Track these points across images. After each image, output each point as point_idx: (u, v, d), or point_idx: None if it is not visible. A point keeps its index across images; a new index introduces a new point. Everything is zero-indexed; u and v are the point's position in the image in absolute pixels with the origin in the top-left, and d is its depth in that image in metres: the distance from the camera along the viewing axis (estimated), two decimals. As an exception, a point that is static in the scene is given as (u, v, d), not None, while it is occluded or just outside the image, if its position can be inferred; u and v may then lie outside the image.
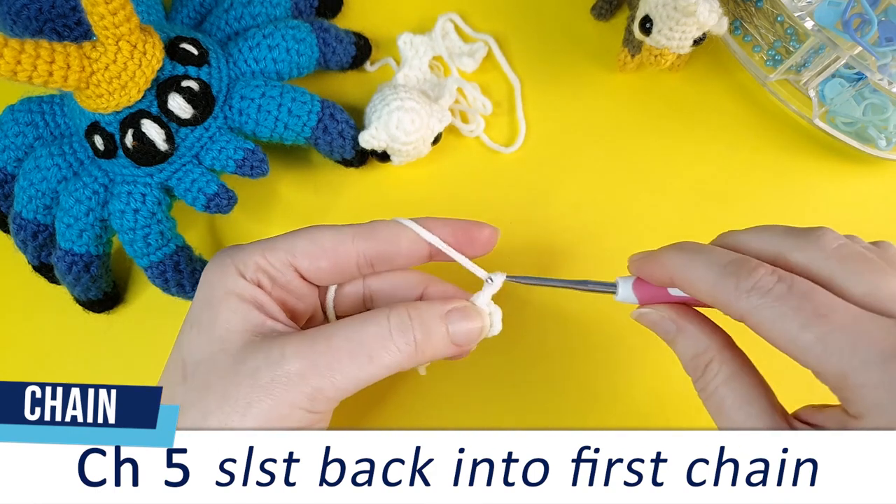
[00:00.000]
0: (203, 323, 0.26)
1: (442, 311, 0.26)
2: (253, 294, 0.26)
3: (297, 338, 0.25)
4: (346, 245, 0.28)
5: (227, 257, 0.27)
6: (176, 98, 0.32)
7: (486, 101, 0.41)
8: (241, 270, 0.27)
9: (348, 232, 0.28)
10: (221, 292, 0.26)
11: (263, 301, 0.27)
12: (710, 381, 0.25)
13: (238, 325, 0.25)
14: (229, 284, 0.26)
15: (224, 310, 0.26)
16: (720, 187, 0.39)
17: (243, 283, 0.26)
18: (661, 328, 0.27)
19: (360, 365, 0.25)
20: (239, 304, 0.26)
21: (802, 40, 0.38)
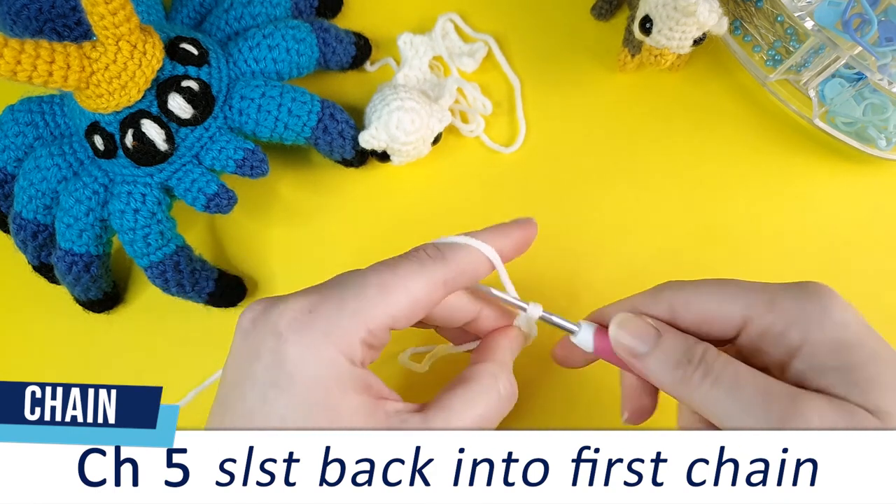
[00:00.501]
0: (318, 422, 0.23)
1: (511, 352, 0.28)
2: (364, 380, 0.24)
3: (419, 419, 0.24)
4: (439, 293, 0.26)
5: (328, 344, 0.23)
6: (176, 98, 0.32)
7: (486, 101, 0.41)
8: (351, 357, 0.23)
9: (440, 278, 0.25)
10: (338, 393, 0.23)
11: (372, 382, 0.24)
12: (714, 361, 0.24)
13: (362, 424, 0.23)
14: (344, 379, 0.23)
15: (345, 413, 0.23)
16: (720, 187, 0.39)
17: (357, 373, 0.23)
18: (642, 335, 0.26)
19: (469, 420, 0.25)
20: (357, 398, 0.23)
21: (802, 40, 0.38)
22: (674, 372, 0.25)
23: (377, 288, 0.24)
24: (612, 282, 0.37)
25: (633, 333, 0.26)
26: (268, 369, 0.23)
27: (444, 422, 0.24)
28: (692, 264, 0.38)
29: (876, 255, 0.38)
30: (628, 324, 0.26)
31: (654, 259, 0.38)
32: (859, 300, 0.32)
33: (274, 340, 0.23)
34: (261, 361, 0.23)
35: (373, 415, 0.23)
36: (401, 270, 0.25)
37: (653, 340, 0.26)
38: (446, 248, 0.26)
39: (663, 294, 0.27)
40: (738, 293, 0.26)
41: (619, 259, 0.38)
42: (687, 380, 0.25)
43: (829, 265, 0.38)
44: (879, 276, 0.38)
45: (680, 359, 0.25)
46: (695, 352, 0.25)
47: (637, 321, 0.26)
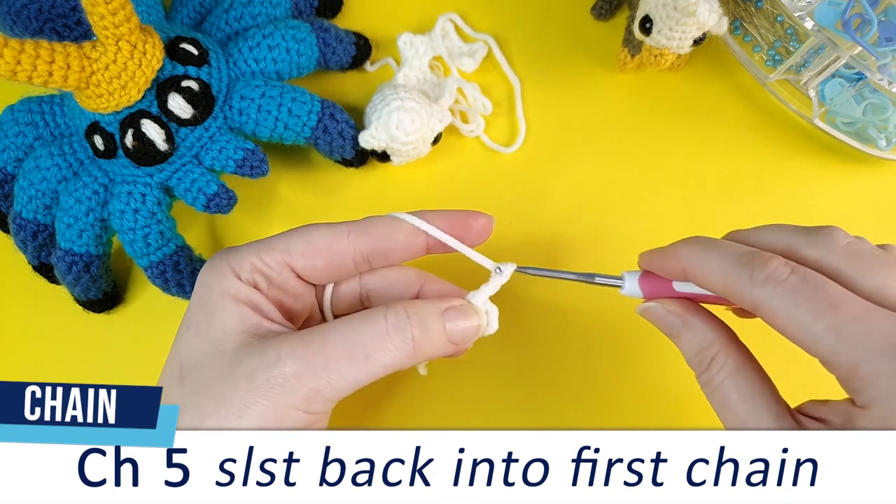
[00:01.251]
0: (199, 324, 0.26)
1: (439, 309, 0.26)
2: (248, 295, 0.26)
3: (293, 338, 0.25)
4: (342, 242, 0.27)
5: (222, 259, 0.27)
6: (176, 98, 0.32)
7: (486, 101, 0.41)
8: (236, 272, 0.27)
9: (343, 229, 0.28)
10: (217, 294, 0.26)
11: (259, 302, 0.26)
12: (715, 374, 0.25)
13: (234, 326, 0.25)
14: (225, 286, 0.26)
15: (220, 311, 0.26)
16: (720, 187, 0.39)
17: (239, 285, 0.26)
18: (666, 322, 0.27)
19: (357, 365, 0.24)
20: (235, 305, 0.26)
21: (802, 40, 0.38)
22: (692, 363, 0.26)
23: (286, 232, 0.28)
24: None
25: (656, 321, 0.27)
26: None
27: (306, 337, 0.25)
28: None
29: (876, 255, 0.38)
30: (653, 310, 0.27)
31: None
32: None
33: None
34: None
35: (246, 323, 0.25)
36: (313, 224, 0.28)
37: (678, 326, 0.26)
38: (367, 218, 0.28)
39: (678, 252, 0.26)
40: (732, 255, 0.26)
41: (619, 258, 0.38)
42: (697, 377, 0.26)
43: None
44: (879, 276, 0.38)
45: (692, 359, 0.26)
46: (704, 356, 0.25)
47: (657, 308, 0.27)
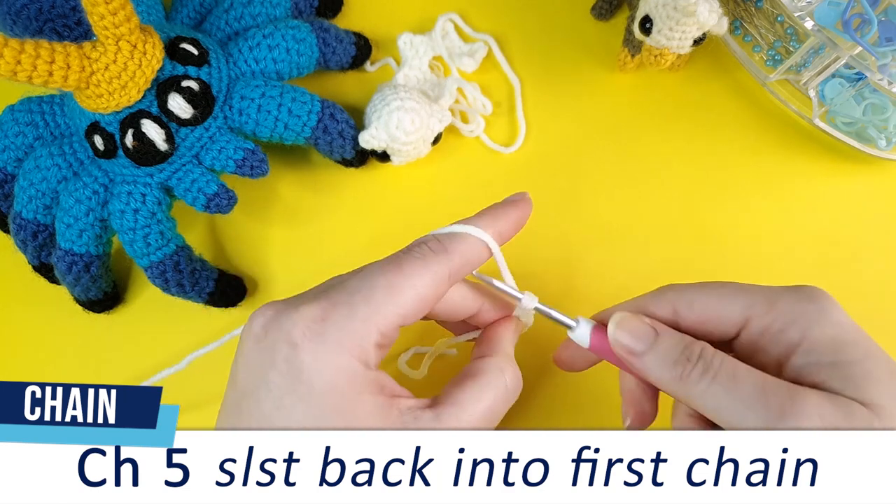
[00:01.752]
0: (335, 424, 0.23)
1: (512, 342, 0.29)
2: (379, 382, 0.24)
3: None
4: (444, 287, 0.26)
5: (343, 350, 0.23)
6: (176, 98, 0.32)
7: (486, 101, 0.41)
8: (366, 362, 0.24)
9: (445, 273, 0.26)
10: (354, 396, 0.23)
11: (384, 382, 0.25)
12: (712, 358, 0.24)
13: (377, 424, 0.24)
14: (359, 383, 0.23)
15: (362, 415, 0.23)
16: (720, 187, 0.39)
17: (372, 376, 0.24)
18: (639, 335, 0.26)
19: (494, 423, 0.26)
20: (372, 400, 0.24)
21: (802, 40, 0.38)
22: (672, 369, 0.25)
23: (385, 290, 0.24)
24: (612, 282, 0.37)
25: (630, 332, 0.26)
26: (283, 377, 0.23)
27: (455, 416, 0.24)
28: (691, 263, 0.38)
29: (876, 254, 0.38)
30: (626, 323, 0.26)
31: (654, 258, 0.38)
32: (859, 300, 0.32)
33: (289, 349, 0.23)
34: (276, 369, 0.23)
35: (387, 414, 0.24)
36: (406, 268, 0.25)
37: (650, 339, 0.26)
38: (447, 240, 0.26)
39: (666, 295, 0.27)
40: (740, 293, 0.26)
41: (619, 259, 0.38)
42: (685, 377, 0.25)
43: (829, 265, 0.38)
44: (879, 276, 0.38)
45: (678, 357, 0.25)
46: (693, 349, 0.25)
47: (634, 320, 0.26)
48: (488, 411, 0.25)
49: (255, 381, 0.23)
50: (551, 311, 0.28)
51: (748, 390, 0.23)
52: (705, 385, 0.24)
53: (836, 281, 0.28)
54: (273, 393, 0.23)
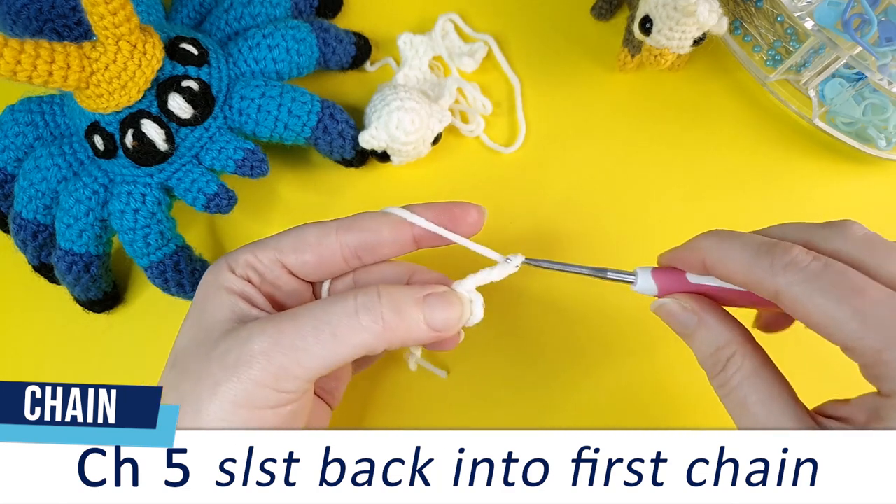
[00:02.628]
0: (193, 316, 0.27)
1: (418, 294, 0.26)
2: (241, 287, 0.27)
3: (266, 319, 0.25)
4: (330, 238, 0.28)
5: (221, 259, 0.28)
6: (176, 98, 0.32)
7: (486, 101, 0.41)
8: (231, 267, 0.28)
9: (332, 225, 0.28)
10: (213, 288, 0.27)
11: (250, 293, 0.27)
12: (731, 375, 0.25)
13: (223, 314, 0.26)
14: (219, 280, 0.27)
15: (212, 302, 0.27)
16: (720, 187, 0.39)
17: (232, 278, 0.27)
18: (680, 320, 0.26)
19: (323, 343, 0.24)
20: (226, 296, 0.27)
21: (802, 40, 0.38)
22: (705, 363, 0.26)
23: (277, 234, 0.29)
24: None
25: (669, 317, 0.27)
26: None
27: (277, 316, 0.25)
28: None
29: (876, 255, 0.38)
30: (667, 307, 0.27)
31: (654, 258, 0.38)
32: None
33: None
34: None
35: (233, 311, 0.26)
36: (302, 224, 0.29)
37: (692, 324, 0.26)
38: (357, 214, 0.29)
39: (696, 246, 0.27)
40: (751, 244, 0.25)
41: (619, 259, 0.38)
42: (712, 378, 0.25)
43: (829, 265, 0.38)
44: (879, 276, 0.38)
45: (707, 359, 0.25)
46: (720, 357, 0.25)
47: (671, 305, 0.27)
48: (315, 317, 0.24)
49: None
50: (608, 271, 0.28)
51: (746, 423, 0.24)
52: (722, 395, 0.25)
53: (836, 281, 0.28)
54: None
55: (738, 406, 0.24)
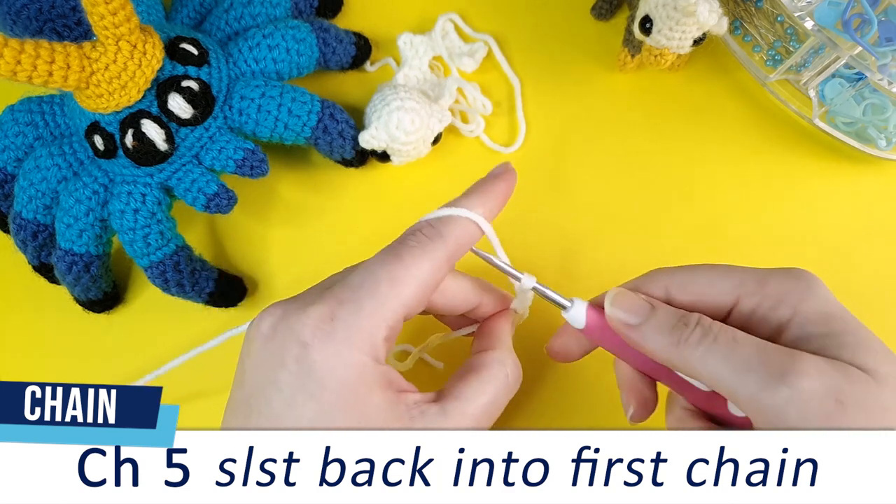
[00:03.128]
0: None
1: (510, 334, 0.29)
2: (387, 377, 0.24)
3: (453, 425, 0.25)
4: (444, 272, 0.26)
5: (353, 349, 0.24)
6: (176, 98, 0.32)
7: (486, 101, 0.41)
8: (376, 357, 0.24)
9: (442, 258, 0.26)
10: (364, 393, 0.24)
11: (393, 377, 0.25)
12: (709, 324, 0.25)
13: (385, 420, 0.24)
14: (369, 380, 0.24)
15: (372, 413, 0.24)
16: (720, 187, 0.39)
17: (381, 371, 0.24)
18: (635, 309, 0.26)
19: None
20: (381, 395, 0.24)
21: (802, 40, 0.38)
22: (670, 335, 0.25)
23: (388, 283, 0.25)
24: (611, 281, 0.37)
25: (626, 306, 0.26)
26: (294, 376, 0.23)
27: (460, 410, 0.25)
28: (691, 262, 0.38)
29: (876, 254, 0.38)
30: (622, 298, 0.27)
31: (654, 258, 0.38)
32: (859, 299, 0.32)
33: (299, 349, 0.23)
34: (286, 369, 0.23)
35: (395, 409, 0.24)
36: (406, 258, 0.25)
37: (646, 312, 0.26)
38: (440, 225, 0.27)
39: (657, 277, 0.28)
40: (730, 273, 0.27)
41: (619, 258, 0.38)
42: (684, 342, 0.25)
43: (829, 264, 0.38)
44: (879, 276, 0.38)
45: (675, 323, 0.25)
46: (689, 317, 0.25)
47: (630, 294, 0.27)
48: (491, 404, 0.26)
49: (264, 380, 0.24)
50: (547, 290, 0.28)
51: (748, 352, 0.23)
52: (704, 349, 0.24)
53: (835, 280, 0.28)
54: (284, 392, 0.23)
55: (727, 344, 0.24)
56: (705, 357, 0.24)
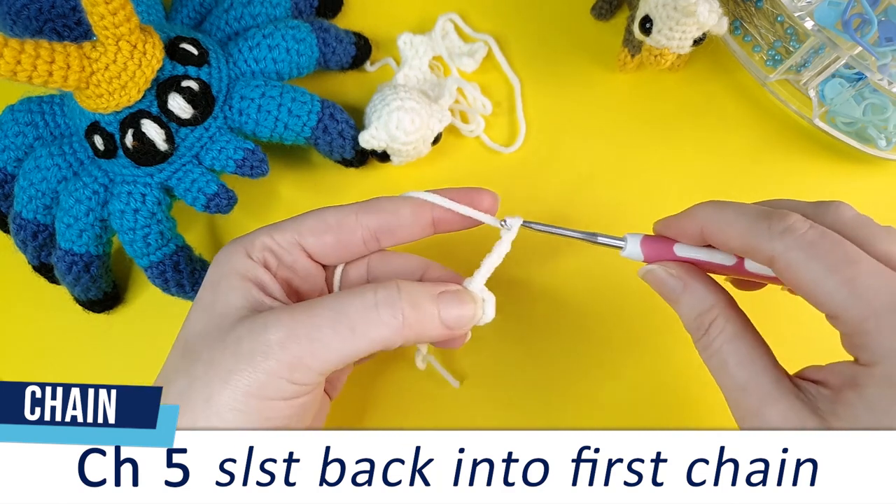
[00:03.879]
0: (205, 301, 0.26)
1: (434, 291, 0.26)
2: (256, 273, 0.27)
3: (283, 309, 0.25)
4: (350, 219, 0.28)
5: (236, 241, 0.28)
6: (176, 98, 0.32)
7: (486, 101, 0.41)
8: (247, 250, 0.27)
9: (352, 207, 0.28)
10: (226, 272, 0.27)
11: (265, 280, 0.27)
12: (714, 338, 0.25)
13: (237, 302, 0.26)
14: (234, 264, 0.27)
15: (225, 287, 0.26)
16: (720, 187, 0.39)
17: (248, 263, 0.27)
18: (667, 285, 0.27)
19: (341, 336, 0.24)
20: (240, 282, 0.26)
21: (802, 40, 0.38)
22: (690, 327, 0.26)
23: (295, 216, 0.28)
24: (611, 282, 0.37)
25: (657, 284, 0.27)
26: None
27: (294, 307, 0.25)
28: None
29: (876, 255, 0.38)
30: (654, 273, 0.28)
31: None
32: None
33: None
34: None
35: (249, 300, 0.26)
36: (320, 208, 0.28)
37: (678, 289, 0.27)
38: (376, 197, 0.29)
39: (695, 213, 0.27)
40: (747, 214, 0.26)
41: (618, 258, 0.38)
42: (696, 341, 0.26)
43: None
44: (879, 276, 0.38)
45: (691, 323, 0.26)
46: (703, 321, 0.26)
47: (658, 271, 0.27)
48: (334, 311, 0.24)
49: None
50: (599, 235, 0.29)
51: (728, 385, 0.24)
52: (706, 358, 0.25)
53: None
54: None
55: (719, 367, 0.25)
56: (707, 363, 0.25)
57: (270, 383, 0.24)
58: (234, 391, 0.23)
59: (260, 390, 0.23)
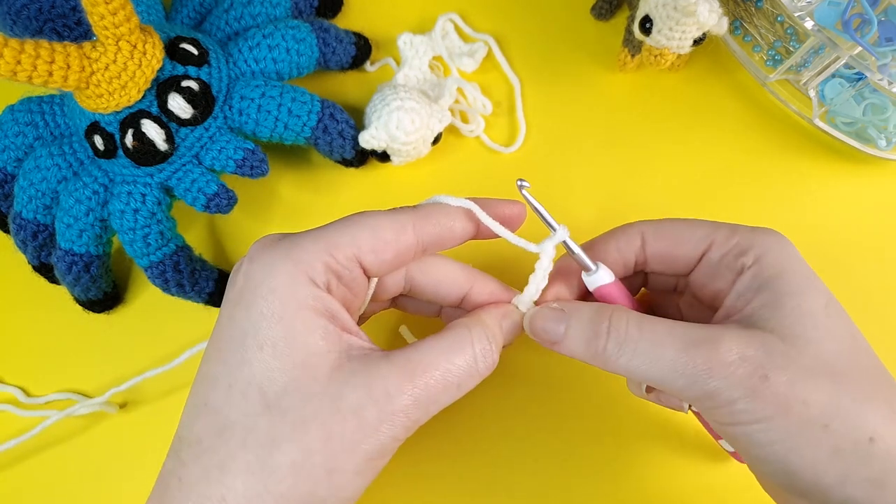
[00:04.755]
0: (278, 344, 0.23)
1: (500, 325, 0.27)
2: (326, 305, 0.24)
3: (395, 371, 0.24)
4: (408, 234, 0.26)
5: (287, 259, 0.24)
6: (176, 98, 0.32)
7: (486, 101, 0.41)
8: (309, 275, 0.24)
9: (406, 220, 0.26)
10: (294, 306, 0.24)
11: (335, 310, 0.25)
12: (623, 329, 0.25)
13: (319, 346, 0.24)
14: (300, 295, 0.24)
15: (302, 329, 0.23)
16: (720, 187, 0.39)
17: (315, 292, 0.24)
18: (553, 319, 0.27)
19: (451, 395, 0.25)
20: (316, 318, 0.24)
21: (802, 40, 0.38)
22: (587, 349, 0.26)
23: (343, 222, 0.26)
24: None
25: (544, 322, 0.27)
26: (237, 290, 0.25)
27: (405, 357, 0.24)
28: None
29: (875, 254, 0.38)
30: (537, 316, 0.27)
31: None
32: (858, 298, 0.32)
33: (246, 263, 0.25)
34: (234, 286, 0.25)
35: (330, 340, 0.24)
36: (369, 212, 0.26)
37: (563, 319, 0.27)
38: (422, 203, 0.28)
39: (635, 226, 0.29)
40: (704, 223, 0.28)
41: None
42: (602, 353, 0.25)
43: (829, 264, 0.38)
44: (879, 275, 0.38)
45: (589, 335, 0.26)
46: (601, 324, 0.26)
47: (542, 311, 0.27)
48: (445, 364, 0.24)
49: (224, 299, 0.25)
50: (575, 247, 0.28)
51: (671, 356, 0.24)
52: (626, 359, 0.25)
53: (835, 280, 0.28)
54: (228, 305, 0.25)
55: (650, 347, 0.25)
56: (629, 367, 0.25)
57: (391, 445, 0.24)
58: (358, 459, 0.23)
59: (380, 453, 0.24)
